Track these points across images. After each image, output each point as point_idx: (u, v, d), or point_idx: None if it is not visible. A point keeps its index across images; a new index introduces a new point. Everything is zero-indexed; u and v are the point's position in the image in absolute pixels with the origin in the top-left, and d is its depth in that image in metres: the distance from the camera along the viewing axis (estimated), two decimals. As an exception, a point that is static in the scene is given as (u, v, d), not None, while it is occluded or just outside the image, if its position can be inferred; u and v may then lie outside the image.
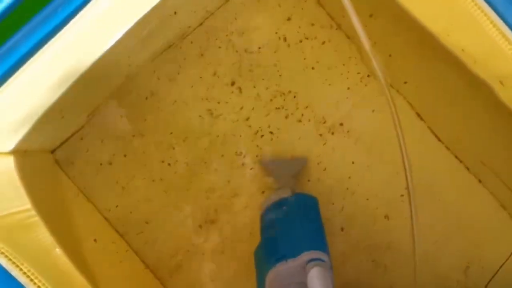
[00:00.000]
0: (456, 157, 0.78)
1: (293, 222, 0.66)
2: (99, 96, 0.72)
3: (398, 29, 0.64)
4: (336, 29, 0.78)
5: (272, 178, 0.77)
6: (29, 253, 0.49)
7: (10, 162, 0.56)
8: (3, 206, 0.51)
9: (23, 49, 0.45)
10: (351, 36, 0.78)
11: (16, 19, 0.44)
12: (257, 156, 0.78)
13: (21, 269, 0.47)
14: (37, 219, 0.55)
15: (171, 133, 0.76)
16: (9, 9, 0.43)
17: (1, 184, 0.54)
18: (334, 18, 0.77)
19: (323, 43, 0.78)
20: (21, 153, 0.59)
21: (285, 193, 0.70)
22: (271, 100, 0.77)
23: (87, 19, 0.46)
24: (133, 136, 0.76)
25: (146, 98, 0.76)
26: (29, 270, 0.47)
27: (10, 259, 0.46)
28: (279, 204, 0.69)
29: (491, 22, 0.47)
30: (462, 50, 0.54)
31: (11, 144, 0.56)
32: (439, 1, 0.49)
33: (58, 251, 0.54)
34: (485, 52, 0.51)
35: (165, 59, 0.76)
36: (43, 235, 0.54)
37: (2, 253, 0.47)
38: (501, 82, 0.53)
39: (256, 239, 0.69)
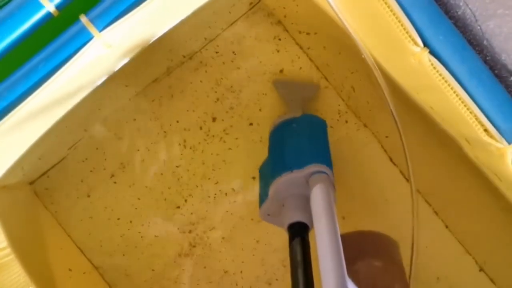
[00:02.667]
0: (425, 201, 0.80)
1: (301, 137, 0.68)
2: (81, 130, 0.74)
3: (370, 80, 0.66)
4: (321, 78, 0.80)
5: (283, 99, 0.78)
6: (2, 295, 0.50)
7: (-12, 200, 0.57)
8: (-20, 248, 0.52)
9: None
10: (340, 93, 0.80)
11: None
12: (234, 189, 0.79)
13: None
14: (12, 257, 0.56)
15: (151, 166, 0.78)
16: None
17: (-21, 225, 0.55)
18: (320, 69, 0.79)
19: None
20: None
21: (296, 113, 0.73)
22: (252, 139, 0.79)
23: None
24: (112, 171, 0.77)
25: (127, 131, 0.77)
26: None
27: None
28: (289, 122, 0.72)
29: (452, 88, 0.48)
30: (431, 107, 0.56)
31: (-11, 182, 0.58)
32: (406, 64, 0.51)
33: (32, 290, 0.56)
34: (449, 114, 0.52)
35: (148, 93, 0.78)
36: (17, 273, 0.55)
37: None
38: (467, 140, 0.55)
39: (229, 274, 0.72)
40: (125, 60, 0.57)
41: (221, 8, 0.71)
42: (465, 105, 0.48)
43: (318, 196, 0.56)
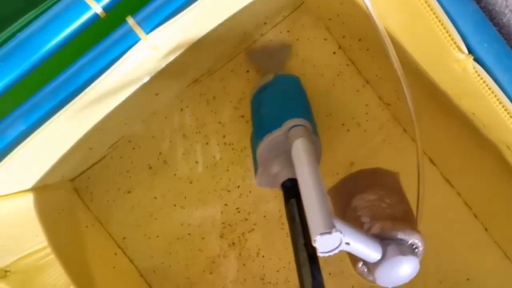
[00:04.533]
0: (465, 203, 0.79)
1: (275, 99, 0.69)
2: (121, 129, 0.74)
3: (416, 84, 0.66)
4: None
5: (258, 67, 0.78)
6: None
7: (29, 200, 0.58)
8: (21, 247, 0.53)
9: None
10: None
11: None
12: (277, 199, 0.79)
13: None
14: (52, 257, 0.56)
15: (190, 163, 0.78)
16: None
17: (20, 225, 0.55)
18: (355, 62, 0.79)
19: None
20: (40, 188, 0.60)
21: (268, 78, 0.73)
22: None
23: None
24: (153, 168, 0.78)
25: (167, 130, 0.78)
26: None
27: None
28: (263, 88, 0.72)
29: (495, 96, 0.48)
30: (473, 113, 0.55)
31: (32, 182, 0.58)
32: (450, 70, 0.50)
33: (72, 290, 0.56)
34: (491, 120, 0.52)
35: (188, 93, 0.78)
36: (57, 274, 0.56)
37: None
38: (508, 147, 0.54)
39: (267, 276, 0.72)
40: (168, 61, 0.57)
41: (260, 11, 0.71)
42: (508, 113, 0.48)
43: (296, 146, 0.57)
